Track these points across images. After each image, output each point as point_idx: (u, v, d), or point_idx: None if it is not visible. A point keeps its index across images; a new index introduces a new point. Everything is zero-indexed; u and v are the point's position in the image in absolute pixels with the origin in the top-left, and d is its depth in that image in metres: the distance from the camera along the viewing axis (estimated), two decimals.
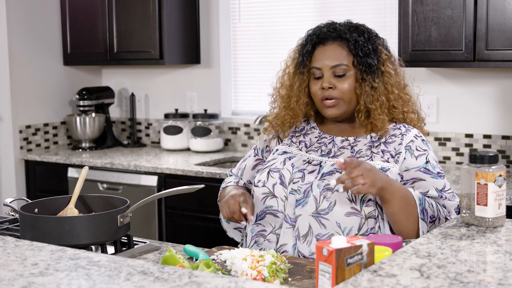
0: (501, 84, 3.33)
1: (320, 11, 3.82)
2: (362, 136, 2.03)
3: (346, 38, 1.99)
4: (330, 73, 1.98)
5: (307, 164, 2.00)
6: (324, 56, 2.00)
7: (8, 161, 4.14)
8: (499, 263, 1.41)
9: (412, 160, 1.97)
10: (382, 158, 1.97)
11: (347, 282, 1.28)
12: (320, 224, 1.90)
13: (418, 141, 2.00)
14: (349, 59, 1.99)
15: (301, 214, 1.93)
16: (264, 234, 1.99)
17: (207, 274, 1.28)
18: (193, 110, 4.24)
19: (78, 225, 1.80)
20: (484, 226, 1.70)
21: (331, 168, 1.96)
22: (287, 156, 2.05)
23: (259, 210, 2.00)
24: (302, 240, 1.91)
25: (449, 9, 3.04)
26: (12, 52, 4.06)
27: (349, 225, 1.89)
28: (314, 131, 2.10)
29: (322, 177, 1.94)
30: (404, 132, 2.02)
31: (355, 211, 1.89)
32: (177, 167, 3.57)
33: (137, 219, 3.45)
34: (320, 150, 2.04)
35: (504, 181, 1.70)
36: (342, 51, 1.99)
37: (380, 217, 1.92)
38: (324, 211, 1.90)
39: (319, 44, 2.02)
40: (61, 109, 4.41)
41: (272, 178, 1.99)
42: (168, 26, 3.96)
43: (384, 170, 1.94)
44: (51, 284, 1.25)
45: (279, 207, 1.97)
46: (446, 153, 3.49)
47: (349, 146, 2.02)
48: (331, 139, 2.06)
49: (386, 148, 1.99)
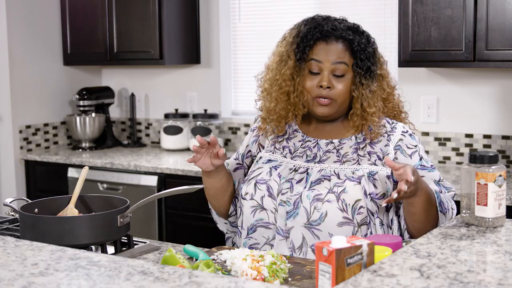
0: (501, 84, 3.33)
1: (320, 11, 3.79)
2: (346, 138, 1.99)
3: (349, 40, 1.94)
4: (329, 71, 1.92)
5: (294, 172, 1.96)
6: (327, 52, 1.94)
7: (8, 161, 4.14)
8: (499, 263, 1.41)
9: (407, 160, 1.94)
10: (369, 161, 1.93)
11: (347, 282, 1.28)
12: (313, 235, 1.88)
13: (407, 138, 1.97)
14: (350, 61, 1.94)
15: (293, 226, 1.90)
16: (258, 247, 1.97)
17: (207, 274, 1.28)
18: (193, 110, 4.24)
19: (78, 225, 1.80)
20: (484, 226, 1.70)
21: (318, 175, 1.93)
22: (272, 165, 2.00)
23: (249, 223, 1.97)
24: (298, 251, 1.90)
25: (449, 9, 3.04)
26: (12, 52, 4.07)
27: (342, 234, 1.84)
28: (297, 135, 2.04)
29: (311, 187, 1.90)
30: (390, 130, 1.97)
31: (347, 220, 1.86)
32: (177, 167, 3.56)
33: (137, 219, 3.45)
34: (305, 155, 1.99)
35: (504, 181, 1.70)
36: (345, 51, 1.94)
37: (372, 223, 1.89)
38: (316, 222, 1.87)
39: (320, 40, 1.95)
40: (61, 109, 4.41)
41: (260, 191, 1.96)
42: (168, 26, 3.96)
43: (372, 174, 1.91)
44: (51, 284, 1.25)
45: (270, 219, 1.94)
46: (446, 153, 3.49)
47: (335, 150, 1.97)
48: (315, 142, 2.00)
49: (372, 149, 1.95)
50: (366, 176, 1.90)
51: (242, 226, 2.01)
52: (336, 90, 1.93)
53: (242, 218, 2.00)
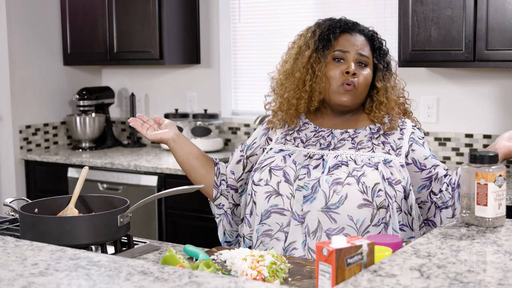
0: (501, 84, 3.33)
1: (320, 11, 3.82)
2: (361, 128, 2.05)
3: (370, 35, 2.05)
4: (354, 60, 2.00)
5: (309, 159, 1.99)
6: (352, 42, 2.02)
7: (8, 161, 4.14)
8: (499, 263, 1.41)
9: (422, 149, 2.04)
10: (383, 150, 2.00)
11: (347, 282, 1.28)
12: (330, 218, 1.90)
13: (417, 131, 2.08)
14: (370, 55, 2.04)
15: (309, 210, 1.92)
16: (271, 233, 1.98)
17: (207, 274, 1.28)
18: (193, 110, 4.24)
19: (78, 225, 1.80)
20: (484, 226, 1.70)
21: (335, 161, 1.96)
22: (285, 153, 2.03)
23: (263, 209, 1.99)
24: (312, 236, 1.91)
25: (449, 9, 3.04)
26: (12, 52, 4.07)
27: (361, 217, 1.89)
28: (309, 126, 2.09)
29: (330, 172, 1.94)
30: (401, 124, 2.07)
31: (367, 202, 1.90)
32: (177, 167, 3.56)
33: (137, 219, 3.45)
34: (318, 143, 2.03)
35: (504, 181, 1.70)
36: (366, 45, 2.04)
37: (390, 207, 1.93)
38: (335, 205, 1.90)
39: (345, 32, 2.04)
40: (61, 109, 4.41)
41: (276, 176, 1.98)
42: (168, 26, 3.96)
43: (387, 162, 1.96)
44: (51, 284, 1.25)
45: (285, 205, 1.96)
46: (446, 153, 3.49)
47: (350, 138, 2.03)
48: (329, 132, 2.05)
49: (386, 140, 2.03)
50: (382, 163, 1.96)
51: (255, 213, 2.01)
52: (360, 78, 2.00)
53: (253, 206, 2.02)
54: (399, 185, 1.95)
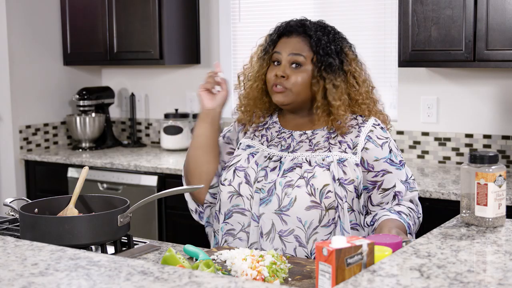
0: (501, 84, 3.33)
1: (320, 11, 3.82)
2: (319, 129, 2.06)
3: (309, 35, 2.05)
4: (287, 61, 2.03)
5: (268, 160, 2.04)
6: (287, 44, 2.06)
7: (8, 161, 4.14)
8: (499, 263, 1.41)
9: (377, 150, 2.00)
10: (339, 149, 2.00)
11: (347, 282, 1.28)
12: (282, 220, 1.94)
13: (378, 130, 2.04)
14: (309, 55, 2.03)
15: (264, 212, 1.97)
16: (234, 233, 2.03)
17: (207, 274, 1.28)
18: (193, 110, 4.24)
19: (78, 225, 1.80)
20: (484, 226, 1.71)
21: (291, 164, 2.00)
22: (250, 151, 2.08)
23: (226, 209, 2.04)
24: (265, 237, 1.96)
25: (449, 9, 3.04)
26: (12, 52, 4.07)
27: (309, 218, 1.92)
28: (275, 126, 2.14)
29: (284, 174, 1.98)
30: (361, 123, 2.04)
31: (315, 204, 1.92)
32: (177, 167, 3.56)
33: (137, 219, 3.45)
34: (280, 145, 2.07)
35: (504, 181, 1.70)
36: (304, 45, 2.04)
37: (340, 207, 1.94)
38: (286, 207, 1.94)
39: (284, 35, 2.08)
40: (61, 109, 4.41)
41: (238, 177, 2.03)
42: (168, 26, 3.96)
43: (342, 161, 1.97)
44: (51, 284, 1.25)
45: (246, 205, 2.01)
46: (446, 153, 3.49)
47: (307, 140, 2.05)
48: (289, 133, 2.09)
49: (343, 139, 2.02)
50: (336, 163, 1.97)
51: (219, 211, 2.06)
52: (290, 80, 2.02)
53: (219, 204, 2.06)
54: (351, 185, 1.96)
